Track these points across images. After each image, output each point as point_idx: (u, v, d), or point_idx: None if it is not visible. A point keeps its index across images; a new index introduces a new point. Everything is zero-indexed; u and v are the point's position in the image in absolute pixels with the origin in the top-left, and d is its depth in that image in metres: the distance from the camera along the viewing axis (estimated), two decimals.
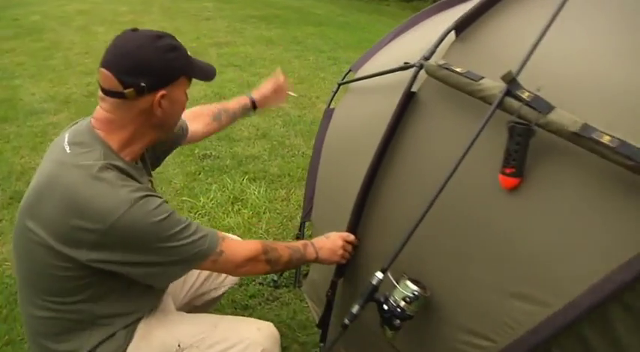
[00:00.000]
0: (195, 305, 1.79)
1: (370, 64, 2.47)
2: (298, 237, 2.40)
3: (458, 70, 1.45)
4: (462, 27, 1.61)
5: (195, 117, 1.80)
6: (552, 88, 1.26)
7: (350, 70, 2.58)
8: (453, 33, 1.61)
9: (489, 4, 1.63)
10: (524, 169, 1.26)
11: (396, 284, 1.39)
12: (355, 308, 1.36)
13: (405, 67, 1.71)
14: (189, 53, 1.33)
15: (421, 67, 1.59)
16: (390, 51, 2.46)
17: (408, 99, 1.62)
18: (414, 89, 1.64)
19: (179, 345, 1.38)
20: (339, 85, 2.55)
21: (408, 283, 1.38)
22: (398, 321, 1.36)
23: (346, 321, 1.36)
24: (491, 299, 1.30)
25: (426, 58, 1.59)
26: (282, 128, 4.18)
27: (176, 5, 9.49)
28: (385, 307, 1.36)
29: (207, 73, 1.38)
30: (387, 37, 2.65)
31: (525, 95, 1.26)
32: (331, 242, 1.61)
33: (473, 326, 1.33)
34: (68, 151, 1.23)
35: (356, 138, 1.99)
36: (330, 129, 2.39)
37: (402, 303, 1.35)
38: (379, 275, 1.37)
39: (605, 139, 1.09)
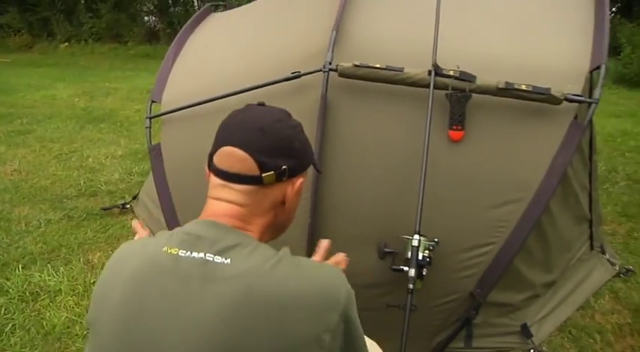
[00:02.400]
0: None
1: (177, 90, 2.40)
2: None
3: (377, 65, 1.76)
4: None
5: None
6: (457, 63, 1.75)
7: (153, 102, 2.42)
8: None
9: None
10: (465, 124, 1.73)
11: (417, 242, 1.62)
12: (412, 272, 1.55)
13: (300, 74, 1.86)
14: None
15: (329, 70, 1.80)
16: (194, 71, 2.45)
17: (325, 102, 1.81)
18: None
19: None
20: (150, 119, 2.36)
21: (416, 237, 1.64)
22: (425, 270, 1.61)
23: (410, 286, 1.54)
24: (475, 217, 1.74)
25: (330, 63, 1.81)
26: None
27: None
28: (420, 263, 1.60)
29: (319, 166, 1.20)
30: (168, 61, 2.59)
31: (452, 72, 1.71)
32: None
33: (468, 244, 1.74)
34: (228, 262, 0.86)
35: None
36: (173, 167, 2.23)
37: (427, 253, 1.62)
38: (417, 236, 1.59)
39: (524, 86, 1.66)
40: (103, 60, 11.24)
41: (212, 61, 2.45)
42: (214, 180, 0.96)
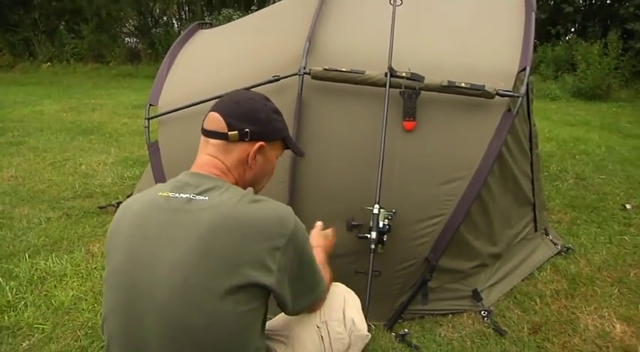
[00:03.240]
0: None
1: (172, 95, 2.73)
2: None
3: (343, 69, 2.12)
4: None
5: None
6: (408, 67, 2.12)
7: (151, 105, 2.73)
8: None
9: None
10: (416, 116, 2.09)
11: (377, 210, 1.96)
12: (373, 234, 1.89)
13: (279, 78, 2.21)
14: None
15: (303, 74, 2.15)
16: (186, 79, 2.79)
17: (300, 100, 2.16)
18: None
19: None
20: (149, 119, 2.68)
21: (376, 206, 1.98)
22: (385, 236, 1.95)
23: (372, 246, 1.87)
24: (427, 193, 2.09)
25: (304, 68, 2.16)
26: None
27: None
28: (381, 229, 1.94)
29: (300, 149, 1.49)
30: (163, 71, 2.92)
31: (404, 74, 2.07)
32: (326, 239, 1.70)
33: (421, 216, 2.09)
34: (206, 198, 1.16)
35: None
36: (170, 163, 2.54)
37: (387, 221, 1.96)
38: (377, 206, 1.93)
39: (463, 84, 2.04)
40: (86, 79, 11.49)
41: (202, 70, 2.79)
42: (202, 138, 1.30)
